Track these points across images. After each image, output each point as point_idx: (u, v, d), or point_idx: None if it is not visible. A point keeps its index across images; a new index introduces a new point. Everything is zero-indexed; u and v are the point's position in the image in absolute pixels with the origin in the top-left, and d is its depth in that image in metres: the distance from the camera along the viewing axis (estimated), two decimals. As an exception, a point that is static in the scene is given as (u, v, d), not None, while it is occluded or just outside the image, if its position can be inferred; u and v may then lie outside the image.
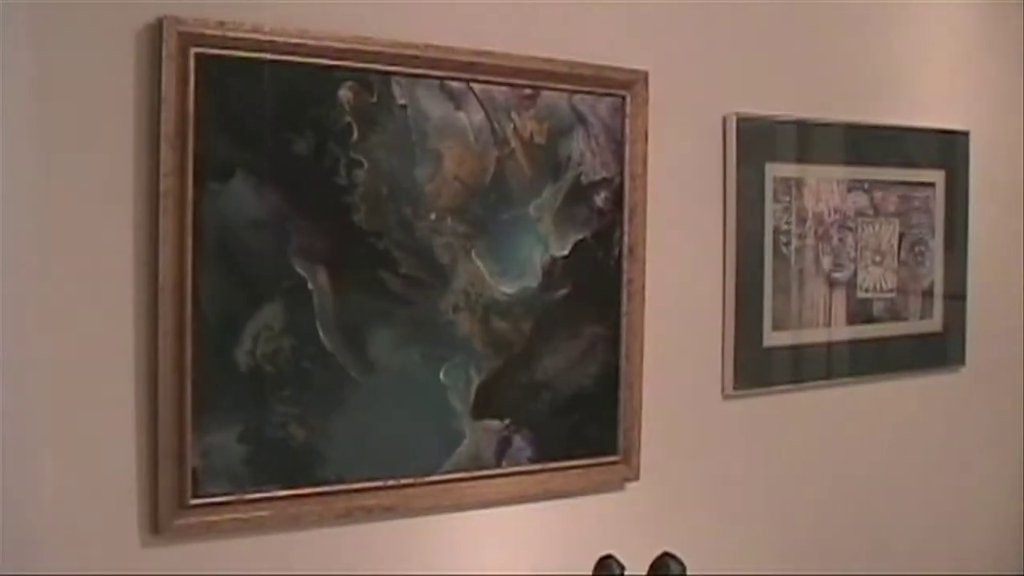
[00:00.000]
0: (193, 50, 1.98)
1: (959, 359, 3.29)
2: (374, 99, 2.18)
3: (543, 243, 2.41)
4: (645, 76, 2.51)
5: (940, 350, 3.24)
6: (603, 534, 2.46)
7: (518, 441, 2.39)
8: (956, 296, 3.26)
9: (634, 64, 2.50)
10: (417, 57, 2.22)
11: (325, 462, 2.15)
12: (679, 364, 2.66)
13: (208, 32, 1.99)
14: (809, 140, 2.87)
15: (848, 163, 2.96)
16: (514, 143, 2.36)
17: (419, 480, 2.26)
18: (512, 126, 2.35)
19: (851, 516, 3.05)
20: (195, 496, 2.02)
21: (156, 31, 1.96)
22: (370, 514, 2.20)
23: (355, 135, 2.16)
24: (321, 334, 2.14)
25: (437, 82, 2.25)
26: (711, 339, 2.74)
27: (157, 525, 1.99)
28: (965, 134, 3.24)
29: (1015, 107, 3.44)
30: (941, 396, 3.27)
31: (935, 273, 3.21)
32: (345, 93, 2.15)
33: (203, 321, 2.01)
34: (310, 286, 2.12)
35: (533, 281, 2.40)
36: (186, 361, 2.00)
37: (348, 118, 2.15)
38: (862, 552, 3.07)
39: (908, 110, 3.12)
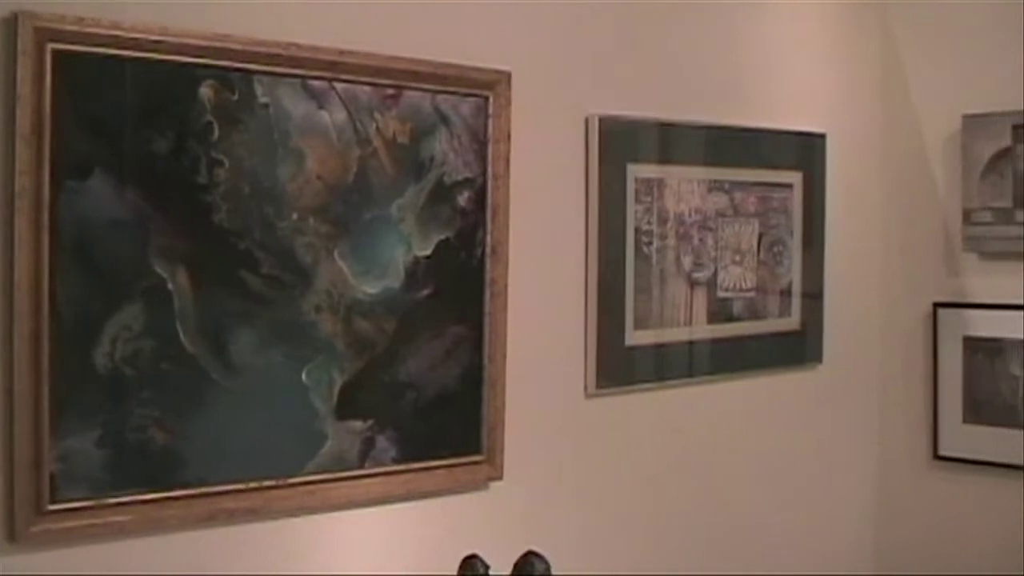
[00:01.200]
0: (50, 46, 2.01)
1: (817, 356, 3.49)
2: (235, 98, 2.25)
3: (406, 243, 2.50)
4: (508, 77, 2.62)
5: (798, 348, 3.44)
6: (468, 534, 2.56)
7: (382, 441, 2.47)
8: (813, 295, 3.46)
9: (497, 64, 2.61)
10: (279, 56, 2.28)
11: (186, 465, 2.20)
12: (542, 363, 2.78)
13: (66, 28, 2.03)
14: (670, 141, 3.03)
15: (708, 164, 3.13)
16: (377, 143, 2.44)
17: (282, 482, 2.33)
18: (375, 126, 2.44)
19: (712, 513, 3.22)
20: (53, 502, 2.05)
21: (11, 26, 1.98)
22: (233, 517, 2.26)
23: (216, 134, 2.22)
24: (181, 335, 2.19)
25: (299, 81, 2.32)
26: (573, 338, 2.86)
27: (13, 533, 2.02)
28: (822, 136, 3.45)
29: (871, 110, 3.67)
30: (799, 393, 3.47)
31: (793, 272, 3.40)
32: (206, 91, 2.21)
33: (60, 323, 2.05)
34: (170, 286, 2.17)
35: (396, 281, 2.48)
36: (43, 364, 2.03)
37: (209, 116, 2.21)
38: (723, 548, 3.25)
39: (767, 112, 3.31)
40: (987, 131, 3.41)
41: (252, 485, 2.29)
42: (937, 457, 3.60)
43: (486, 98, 2.61)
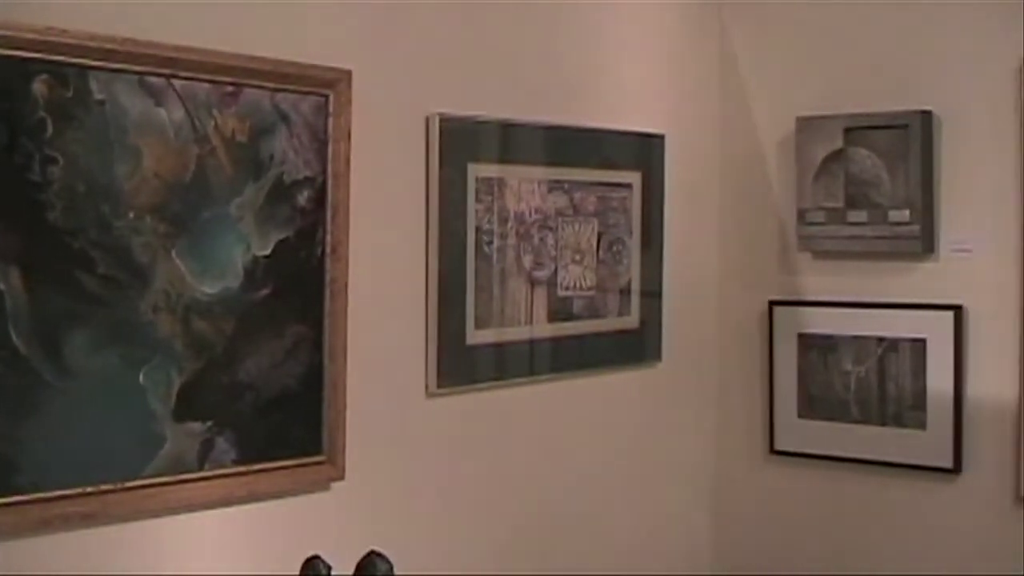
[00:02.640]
0: None
1: (655, 355, 3.65)
2: (70, 94, 2.26)
3: (245, 242, 2.54)
4: (348, 75, 2.69)
5: (637, 346, 3.59)
6: (310, 535, 2.63)
7: (221, 443, 2.51)
8: (652, 293, 3.61)
9: (338, 63, 2.68)
10: (116, 51, 2.30)
11: (19, 470, 2.20)
12: (383, 363, 2.85)
13: None
14: (511, 141, 3.14)
15: (549, 164, 3.25)
16: (215, 141, 2.48)
17: (119, 486, 2.34)
18: (213, 123, 2.48)
19: (553, 511, 3.34)
20: None
21: None
22: (69, 522, 2.27)
23: (50, 130, 2.23)
24: (14, 337, 2.19)
25: (136, 78, 2.35)
26: (414, 338, 2.95)
27: None
28: (661, 137, 3.61)
29: (708, 111, 3.85)
30: (639, 391, 3.62)
31: (632, 271, 3.55)
32: (39, 87, 2.21)
33: None
34: (1, 287, 2.17)
35: (235, 281, 2.53)
36: None
37: (42, 113, 2.22)
38: (564, 546, 3.37)
39: (607, 113, 3.45)
40: (820, 133, 3.61)
41: (88, 490, 2.30)
42: (773, 452, 3.80)
43: (326, 97, 2.67)
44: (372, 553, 2.37)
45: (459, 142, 2.99)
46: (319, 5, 2.70)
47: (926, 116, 3.46)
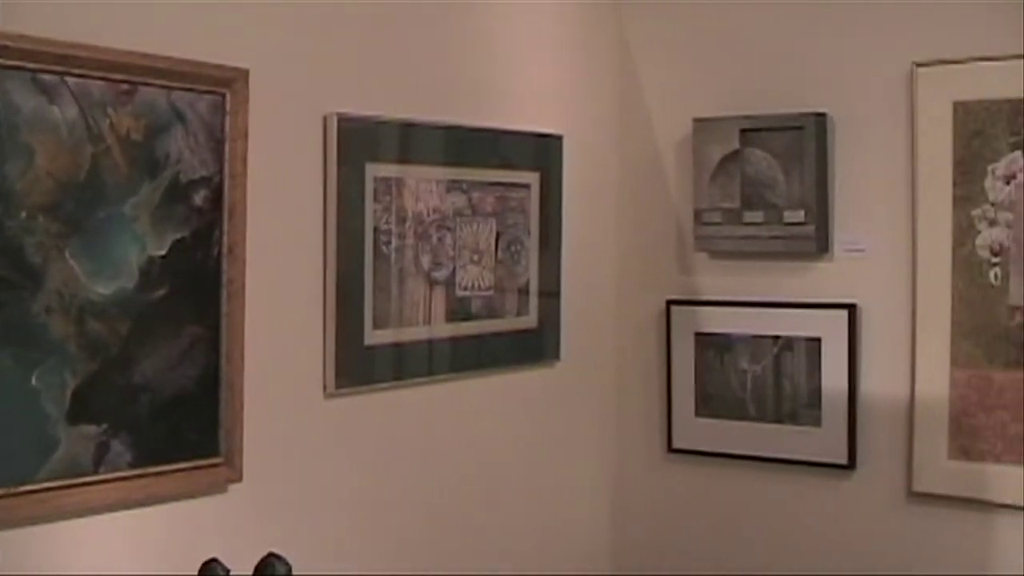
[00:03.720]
0: None
1: (554, 354, 3.73)
2: (-41, 90, 2.26)
3: (140, 242, 2.56)
4: (246, 74, 2.72)
5: (536, 346, 3.67)
6: (207, 538, 2.65)
7: (117, 446, 2.52)
8: (551, 293, 3.69)
9: (235, 62, 2.70)
10: (8, 48, 2.30)
11: (-92, 475, 2.20)
12: (280, 364, 2.89)
13: None
14: (409, 141, 3.19)
15: (447, 164, 3.31)
16: (110, 140, 2.49)
17: (11, 491, 2.34)
18: (108, 122, 2.48)
19: (451, 511, 3.40)
20: None
21: None
22: (-42, 528, 2.27)
23: (-62, 128, 2.23)
24: (-97, 339, 2.19)
25: (29, 74, 2.35)
26: (312, 338, 2.98)
27: None
28: (559, 138, 3.68)
29: (607, 112, 3.94)
30: (538, 390, 3.70)
31: (531, 271, 3.62)
32: (-72, 84, 2.22)
33: None
34: None
35: (130, 281, 2.54)
36: None
37: (-70, 109, 2.22)
38: (463, 546, 3.43)
39: (506, 113, 3.52)
40: (716, 135, 3.71)
41: (-21, 494, 2.30)
42: (671, 450, 3.90)
43: (223, 96, 2.69)
44: (270, 555, 2.41)
45: (357, 142, 3.03)
46: (216, 4, 2.72)
47: (820, 118, 3.58)
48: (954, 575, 3.44)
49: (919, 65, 3.44)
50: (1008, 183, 3.32)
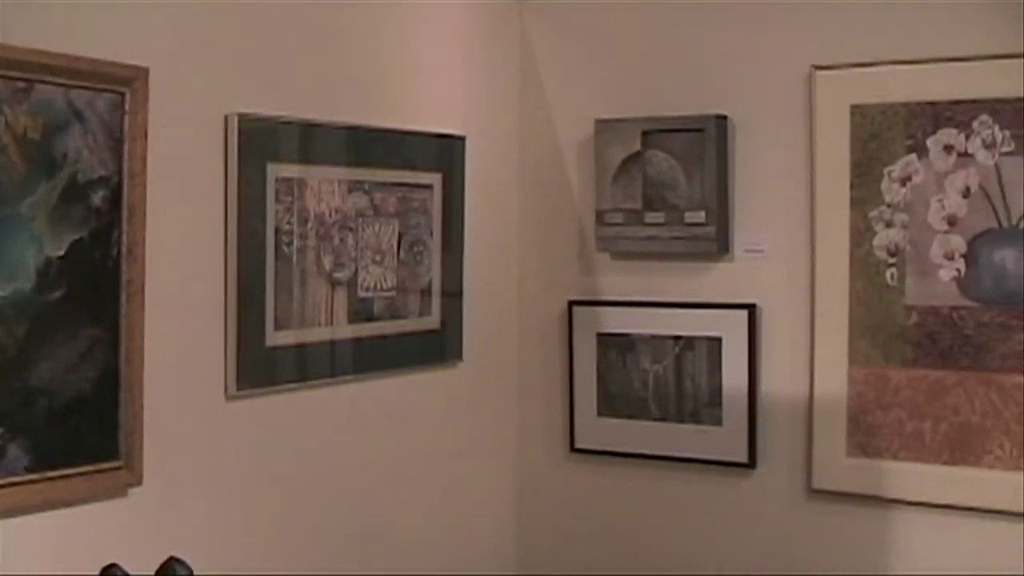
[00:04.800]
0: None
1: (457, 355, 3.76)
2: None
3: (37, 243, 2.54)
4: (146, 73, 2.71)
5: (439, 346, 3.70)
6: (107, 542, 2.64)
7: (13, 450, 2.50)
8: (453, 294, 3.72)
9: (134, 60, 2.69)
10: (-101, 45, 2.31)
11: None
12: (181, 366, 2.88)
13: None
14: (311, 141, 3.21)
15: (349, 164, 3.33)
16: (6, 139, 2.46)
17: (-95, 496, 2.33)
18: (4, 120, 2.45)
19: (356, 512, 3.42)
20: None
21: None
22: None
23: None
24: None
25: (-78, 72, 2.35)
26: (213, 340, 2.98)
27: None
28: (462, 138, 3.72)
29: (509, 113, 3.98)
30: (441, 391, 3.73)
31: (433, 272, 3.65)
32: None
33: None
34: None
35: (27, 283, 2.52)
36: None
37: None
38: (368, 548, 3.45)
39: (408, 114, 3.54)
40: (618, 136, 3.78)
41: None
42: (573, 450, 3.96)
43: (123, 94, 2.68)
44: (171, 559, 2.41)
45: (258, 142, 3.04)
46: (115, 1, 2.71)
47: (721, 120, 3.66)
48: (853, 573, 3.53)
49: (817, 68, 3.54)
50: (904, 185, 3.43)
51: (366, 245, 3.40)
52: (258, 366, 3.09)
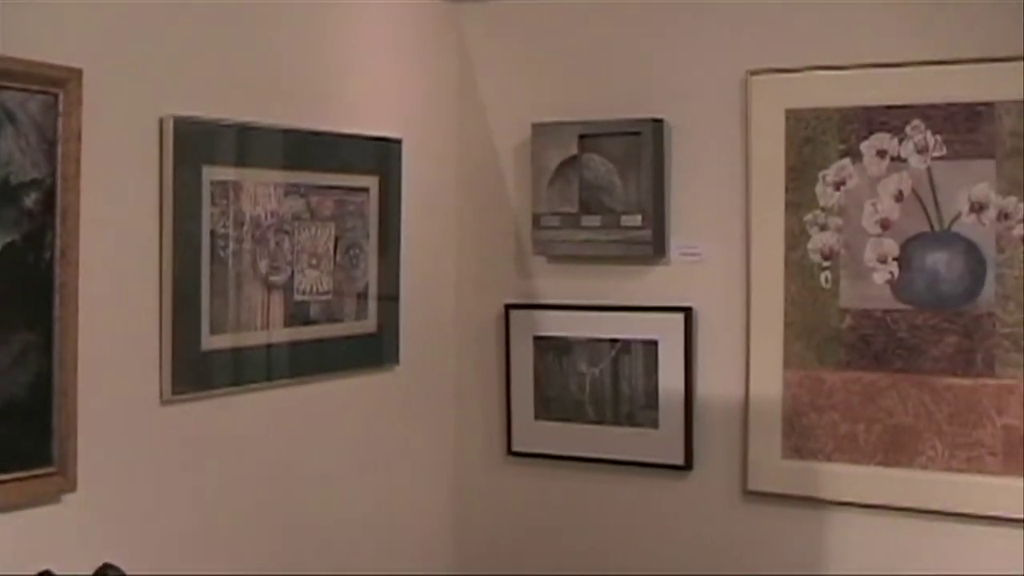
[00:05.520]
0: None
1: (393, 358, 3.77)
2: None
3: (-31, 246, 2.51)
4: (79, 74, 2.69)
5: (375, 350, 3.70)
6: (41, 549, 2.61)
7: (-55, 456, 2.49)
8: (390, 297, 3.72)
9: (68, 61, 2.67)
10: None
11: None
12: (115, 370, 2.86)
13: None
14: (247, 144, 3.20)
15: (286, 168, 3.32)
16: (-64, 140, 2.47)
17: None
18: None
19: (293, 516, 3.41)
20: None
21: None
22: None
23: None
24: None
25: None
26: (148, 344, 2.96)
27: None
28: (398, 141, 3.72)
29: (446, 116, 3.99)
30: (377, 394, 3.73)
31: (370, 275, 3.65)
32: None
33: None
34: None
35: (-42, 286, 2.49)
36: None
37: None
38: (305, 551, 3.45)
39: (344, 116, 3.54)
40: (555, 139, 3.80)
41: None
42: (511, 453, 3.97)
43: (56, 96, 2.66)
44: (105, 565, 2.41)
45: (194, 144, 3.03)
46: (49, 2, 2.68)
47: (657, 124, 3.69)
48: (788, 574, 3.58)
49: (753, 73, 3.58)
50: (838, 189, 3.48)
51: (302, 248, 3.40)
52: (193, 370, 3.07)
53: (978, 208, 3.31)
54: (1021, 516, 3.29)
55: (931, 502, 3.39)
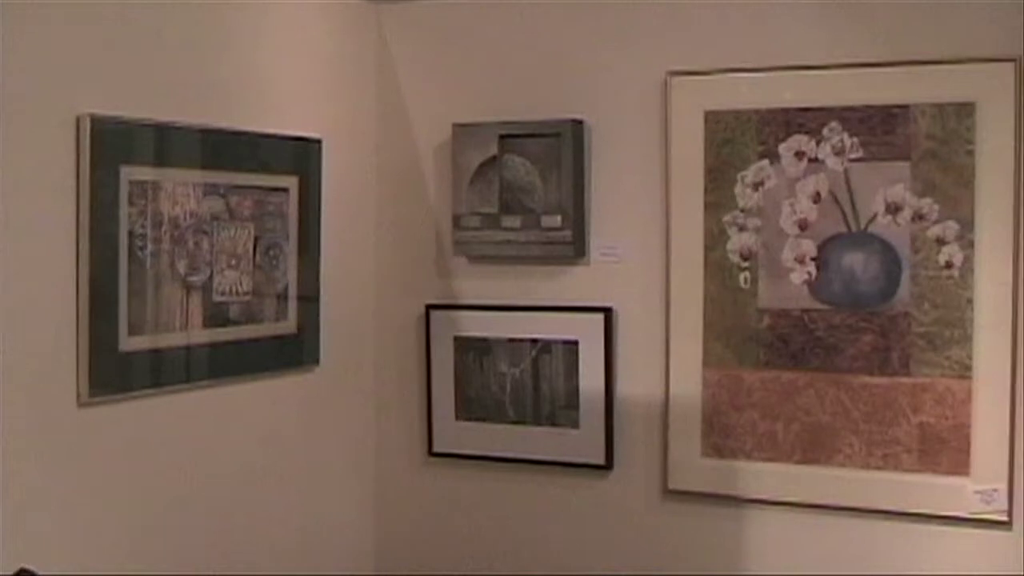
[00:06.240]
0: None
1: (314, 359, 3.75)
2: None
3: None
4: (-5, 72, 2.67)
5: (295, 351, 3.68)
6: (-46, 554, 2.60)
7: None
8: (310, 298, 3.71)
9: (-18, 59, 2.65)
10: None
11: None
12: (31, 372, 2.82)
13: None
14: (166, 143, 3.17)
15: (205, 167, 3.29)
16: None
17: None
18: None
19: (214, 518, 3.39)
20: None
21: None
22: None
23: None
24: None
25: None
26: (64, 345, 2.92)
27: None
28: (318, 142, 3.71)
29: (367, 117, 3.98)
30: (298, 395, 3.71)
31: (289, 276, 3.63)
32: None
33: None
34: None
35: None
36: None
37: None
38: (227, 554, 3.42)
39: (264, 116, 3.52)
40: (475, 140, 3.80)
41: None
42: (432, 454, 3.97)
43: (-30, 95, 2.64)
44: (22, 570, 2.38)
45: (111, 144, 3.00)
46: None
47: (578, 125, 3.71)
48: (709, 572, 3.61)
49: (673, 75, 3.61)
50: (756, 190, 3.52)
51: (221, 249, 3.37)
52: (111, 372, 3.04)
53: (894, 209, 3.37)
54: (936, 512, 3.35)
55: (848, 499, 3.44)
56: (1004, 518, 3.29)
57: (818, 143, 3.44)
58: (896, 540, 3.41)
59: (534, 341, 3.82)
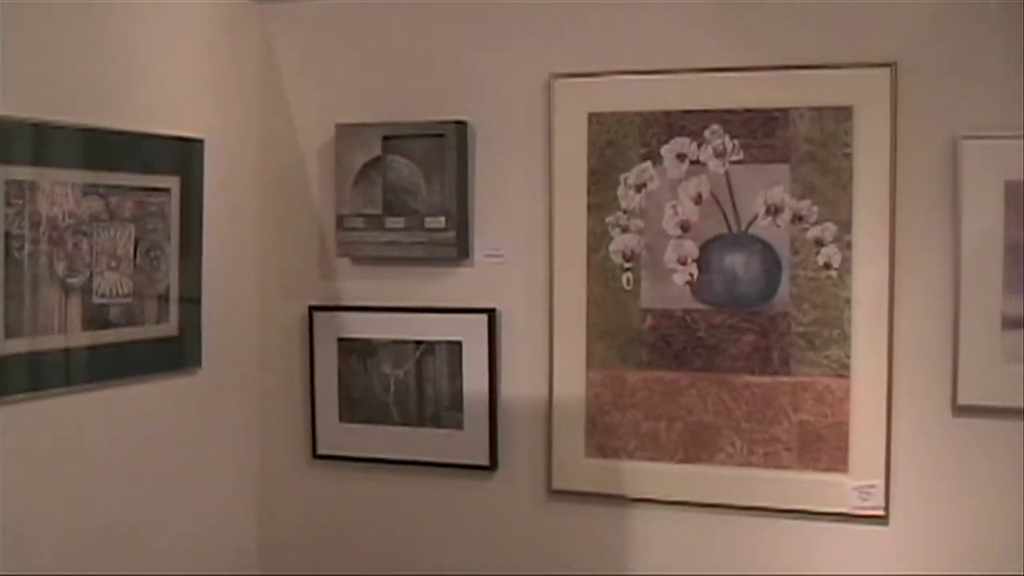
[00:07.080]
0: None
1: (196, 361, 3.70)
2: None
3: None
4: None
5: (177, 353, 3.63)
6: None
7: None
8: (191, 300, 3.66)
9: None
10: None
11: None
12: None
13: None
14: (44, 143, 3.11)
15: (84, 167, 3.24)
16: None
17: None
18: None
19: (97, 522, 3.33)
20: None
21: None
22: None
23: None
24: None
25: None
26: (-62, 350, 2.88)
27: None
28: (200, 142, 3.66)
29: (249, 116, 3.94)
30: (179, 398, 3.66)
31: (171, 277, 3.58)
32: None
33: None
34: None
35: None
36: None
37: None
38: (109, 558, 3.37)
39: (145, 116, 3.47)
40: (359, 141, 3.79)
41: None
42: (316, 456, 3.95)
43: None
44: None
45: (-11, 142, 2.94)
46: None
47: (461, 126, 3.72)
48: (593, 571, 3.64)
49: (556, 76, 3.63)
50: (639, 191, 3.55)
51: (101, 250, 3.32)
52: (-11, 376, 2.97)
53: (774, 211, 3.43)
54: (816, 509, 3.42)
55: (731, 497, 3.50)
56: (881, 513, 3.37)
57: (700, 145, 3.49)
58: (778, 536, 3.47)
59: (418, 342, 3.82)
